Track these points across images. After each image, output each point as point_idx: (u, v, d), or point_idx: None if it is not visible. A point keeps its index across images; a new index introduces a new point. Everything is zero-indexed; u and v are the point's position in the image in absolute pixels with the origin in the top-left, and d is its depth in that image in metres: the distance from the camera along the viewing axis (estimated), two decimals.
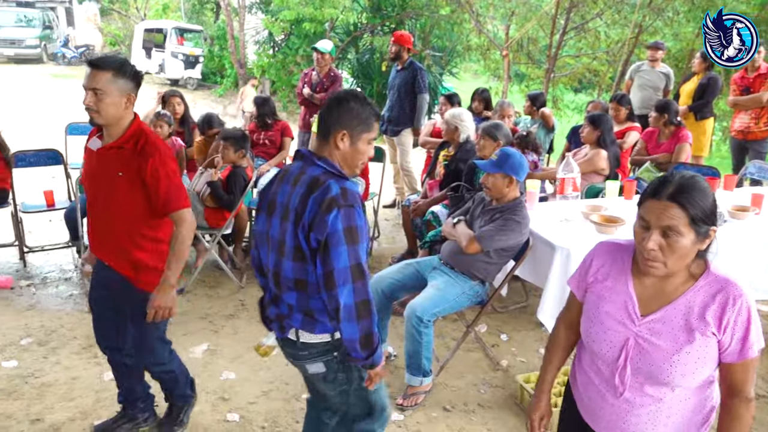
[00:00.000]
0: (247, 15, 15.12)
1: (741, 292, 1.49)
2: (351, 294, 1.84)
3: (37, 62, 19.91)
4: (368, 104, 2.00)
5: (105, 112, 2.31)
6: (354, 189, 1.91)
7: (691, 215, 1.43)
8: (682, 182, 1.45)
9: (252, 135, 5.61)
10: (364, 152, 2.02)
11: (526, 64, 14.35)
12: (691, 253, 1.48)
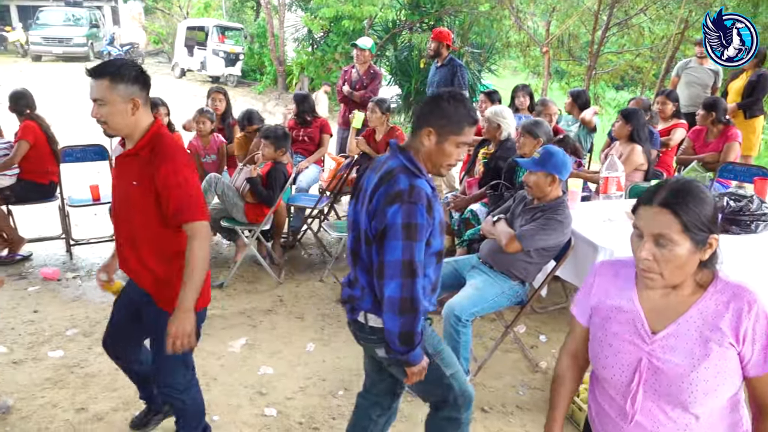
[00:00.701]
0: (287, 12, 15.23)
1: (755, 298, 1.38)
2: (397, 288, 1.88)
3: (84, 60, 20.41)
4: (464, 106, 1.97)
5: (111, 122, 2.18)
6: (423, 187, 1.92)
7: (684, 222, 1.32)
8: (675, 187, 1.36)
9: (291, 132, 5.65)
10: (451, 154, 1.99)
11: (567, 61, 14.13)
12: (689, 263, 1.37)
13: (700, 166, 4.88)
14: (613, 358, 1.50)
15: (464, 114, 1.97)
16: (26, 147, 4.63)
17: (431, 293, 2.07)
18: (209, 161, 5.11)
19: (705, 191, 1.37)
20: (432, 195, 1.96)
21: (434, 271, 2.06)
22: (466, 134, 1.98)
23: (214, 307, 4.17)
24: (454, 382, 2.21)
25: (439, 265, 2.09)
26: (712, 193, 1.66)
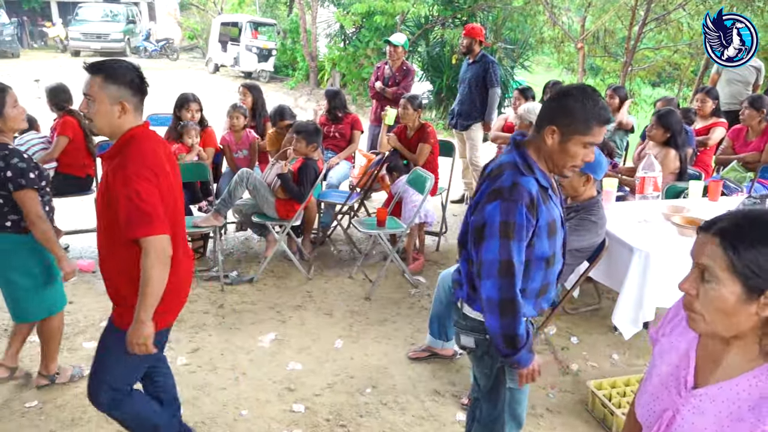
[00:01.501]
0: (320, 8, 15.27)
1: None
2: (494, 289, 1.87)
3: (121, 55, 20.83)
4: (593, 104, 1.83)
5: (96, 120, 2.10)
6: (527, 186, 1.85)
7: (733, 258, 1.07)
8: (742, 215, 1.12)
9: (322, 128, 5.66)
10: (575, 155, 1.87)
11: (602, 57, 13.87)
12: (738, 313, 1.09)
13: (740, 166, 4.74)
14: (648, 398, 1.31)
15: (593, 111, 1.82)
16: (65, 142, 4.72)
17: (536, 298, 2.02)
18: (241, 156, 5.15)
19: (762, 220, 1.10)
20: (538, 195, 1.87)
21: (542, 275, 1.98)
22: (594, 134, 1.84)
23: (244, 302, 4.21)
24: (513, 409, 2.21)
25: (549, 270, 1.99)
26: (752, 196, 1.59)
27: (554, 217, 1.94)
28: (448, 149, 5.69)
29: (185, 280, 2.33)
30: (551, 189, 1.94)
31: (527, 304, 1.95)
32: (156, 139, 2.21)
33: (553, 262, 1.99)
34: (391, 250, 4.46)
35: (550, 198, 1.93)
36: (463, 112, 6.08)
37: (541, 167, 1.92)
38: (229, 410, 3.04)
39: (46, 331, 3.10)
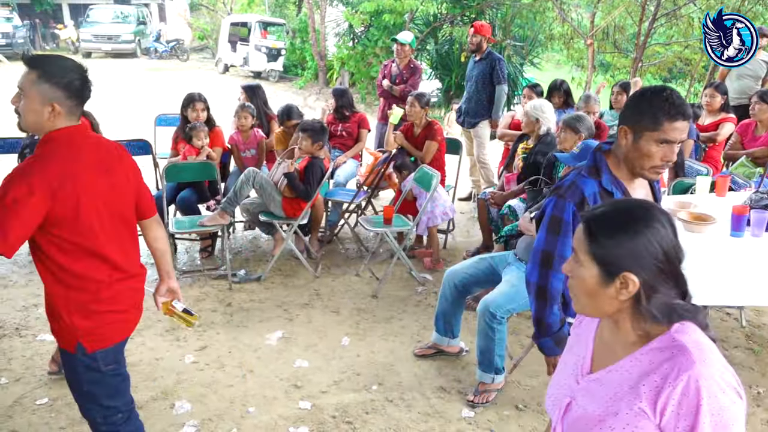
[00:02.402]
0: (328, 8, 15.32)
1: (692, 367, 1.09)
2: (534, 274, 2.05)
3: (131, 56, 20.99)
4: (662, 99, 1.78)
5: (24, 116, 1.94)
6: (584, 187, 1.91)
7: (591, 245, 1.17)
8: (611, 205, 1.23)
9: (329, 126, 5.68)
10: (650, 154, 1.81)
11: (612, 53, 13.79)
12: (598, 295, 1.19)
13: (749, 161, 4.70)
14: (554, 389, 1.36)
15: (660, 106, 1.77)
16: None
17: (562, 306, 2.08)
18: (249, 156, 5.18)
19: (647, 223, 1.16)
20: (596, 197, 1.88)
21: None
22: (666, 130, 1.78)
23: (251, 300, 4.23)
24: None
25: None
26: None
27: None
28: (456, 147, 5.69)
29: (119, 302, 2.11)
30: (623, 195, 1.89)
31: (554, 318, 2.04)
32: (85, 144, 1.99)
33: None
34: (397, 248, 4.47)
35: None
36: (470, 109, 6.07)
37: (616, 173, 1.90)
38: (236, 407, 3.07)
39: None
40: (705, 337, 1.17)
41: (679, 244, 1.19)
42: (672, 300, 1.17)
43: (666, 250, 1.16)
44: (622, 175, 1.90)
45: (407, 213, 4.75)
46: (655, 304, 1.16)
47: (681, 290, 1.19)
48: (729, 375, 1.12)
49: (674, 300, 1.18)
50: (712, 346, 1.15)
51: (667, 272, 1.16)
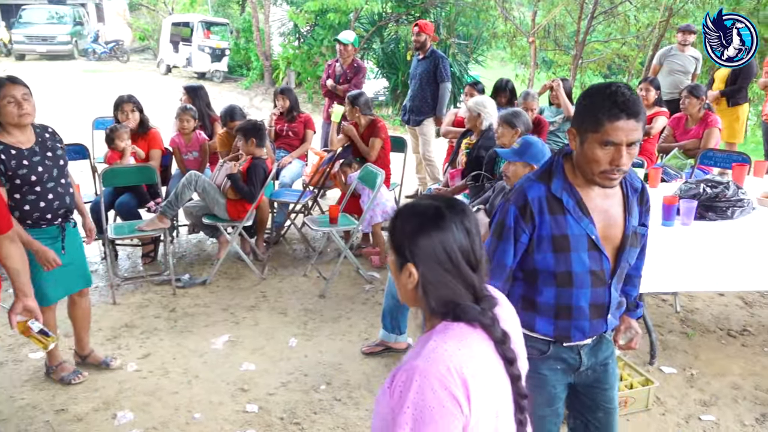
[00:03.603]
0: (273, 7, 15.15)
1: (412, 362, 1.15)
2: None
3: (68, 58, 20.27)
4: (603, 98, 1.63)
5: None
6: (529, 192, 1.76)
7: (390, 235, 1.28)
8: (409, 205, 1.29)
9: (275, 126, 5.63)
10: (595, 158, 1.66)
11: (554, 51, 14.12)
12: (399, 281, 1.27)
13: (681, 154, 4.89)
14: None
15: (600, 105, 1.62)
16: None
17: (554, 318, 1.85)
18: (191, 158, 5.08)
19: (436, 225, 1.22)
20: (541, 202, 1.75)
21: (553, 293, 1.81)
22: (607, 131, 1.61)
23: (196, 305, 4.16)
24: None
25: (564, 290, 1.80)
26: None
27: (568, 234, 1.75)
28: (401, 145, 5.72)
29: None
30: (577, 203, 1.75)
31: (540, 319, 1.85)
32: None
33: (571, 283, 1.78)
34: (344, 247, 4.47)
35: (569, 212, 1.74)
36: (414, 107, 6.12)
37: (572, 178, 1.77)
38: (182, 414, 3.01)
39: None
40: (457, 341, 1.18)
41: (472, 249, 1.24)
42: (457, 299, 1.23)
43: (449, 251, 1.21)
44: (578, 182, 1.76)
45: (353, 212, 4.76)
46: (434, 298, 1.23)
47: (471, 292, 1.24)
48: (453, 382, 1.12)
49: (460, 299, 1.23)
50: (449, 350, 1.16)
51: (451, 272, 1.22)
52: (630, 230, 1.81)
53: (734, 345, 3.73)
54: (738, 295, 4.37)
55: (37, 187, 2.86)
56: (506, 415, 1.24)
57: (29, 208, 2.87)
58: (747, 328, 3.93)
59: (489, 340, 1.23)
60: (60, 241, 3.00)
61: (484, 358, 1.21)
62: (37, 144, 2.91)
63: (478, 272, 1.25)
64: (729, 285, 3.48)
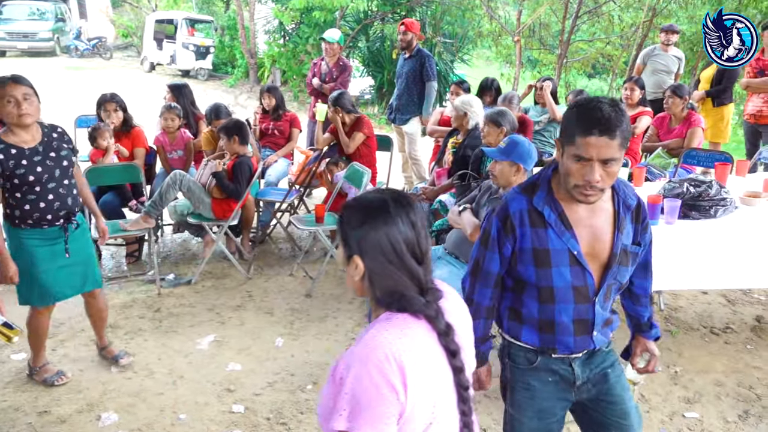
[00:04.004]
0: (258, 4, 15.06)
1: (352, 349, 1.21)
2: (467, 282, 1.92)
3: (50, 55, 20.00)
4: (584, 109, 1.62)
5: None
6: (511, 203, 1.76)
7: (338, 228, 1.34)
8: (356, 200, 1.35)
9: (261, 125, 5.60)
10: (569, 171, 1.65)
11: (539, 50, 14.20)
12: (349, 274, 1.32)
13: (665, 153, 4.93)
14: None
15: (577, 118, 1.62)
16: None
17: (538, 331, 1.82)
18: (176, 157, 5.04)
19: (384, 219, 1.27)
20: (521, 215, 1.75)
21: (536, 307, 1.80)
22: (578, 144, 1.59)
23: (181, 305, 4.13)
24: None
25: (547, 305, 1.78)
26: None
27: (549, 248, 1.73)
28: (387, 143, 5.72)
29: None
30: (559, 217, 1.72)
31: (525, 329, 1.84)
32: None
33: (552, 298, 1.76)
34: (330, 246, 4.46)
35: (550, 226, 1.72)
36: (400, 106, 6.12)
37: (557, 192, 1.75)
38: (167, 415, 2.99)
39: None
40: (398, 330, 1.22)
41: (417, 242, 1.27)
42: (402, 290, 1.27)
43: (394, 244, 1.25)
44: (562, 195, 1.73)
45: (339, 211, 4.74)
46: (380, 289, 1.27)
47: (416, 284, 1.27)
48: (390, 369, 1.16)
49: (405, 291, 1.27)
50: (389, 338, 1.20)
51: (395, 264, 1.26)
52: (618, 248, 1.76)
53: (717, 342, 3.77)
54: (721, 293, 4.42)
55: (37, 188, 2.83)
56: (446, 405, 1.28)
57: (29, 208, 2.85)
58: (730, 325, 3.97)
59: (432, 332, 1.26)
60: (63, 243, 2.97)
61: (425, 348, 1.24)
62: (42, 144, 2.87)
63: (423, 265, 1.28)
64: (712, 283, 3.51)
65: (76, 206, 3.01)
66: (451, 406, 1.29)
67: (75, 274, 3.06)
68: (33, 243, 2.92)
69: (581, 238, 1.74)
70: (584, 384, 1.88)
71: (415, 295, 1.26)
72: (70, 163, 2.97)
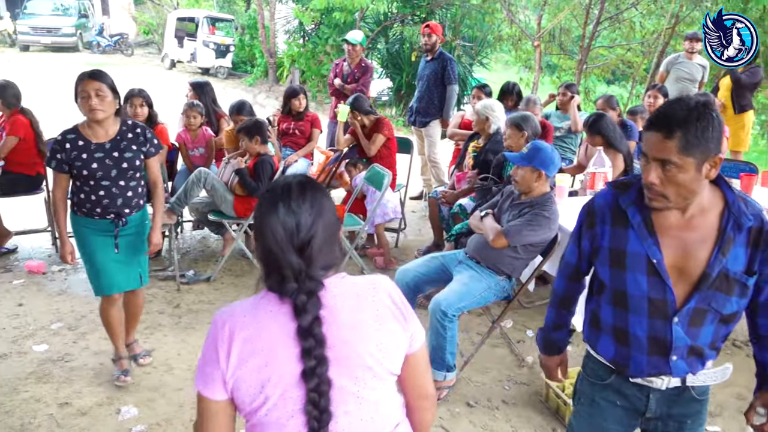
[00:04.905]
0: (278, 4, 15.15)
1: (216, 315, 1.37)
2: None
3: (72, 50, 20.24)
4: (667, 102, 1.56)
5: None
6: (597, 200, 1.73)
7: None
8: (273, 184, 1.41)
9: (281, 125, 5.63)
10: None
11: (558, 55, 14.13)
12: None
13: None
14: None
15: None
16: (14, 142, 4.59)
17: (613, 338, 1.72)
18: (197, 154, 5.08)
19: (268, 190, 1.35)
20: (605, 210, 1.68)
21: (611, 312, 1.70)
22: (643, 139, 1.55)
23: (201, 301, 4.15)
24: None
25: (621, 311, 1.67)
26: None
27: (627, 250, 1.63)
28: (407, 146, 5.72)
29: None
30: (644, 221, 1.61)
31: (603, 337, 1.75)
32: None
33: (626, 305, 1.65)
34: (350, 247, 4.46)
35: (632, 227, 1.62)
36: (421, 109, 6.12)
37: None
38: (186, 411, 3.01)
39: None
40: (250, 307, 1.32)
41: (297, 231, 1.29)
42: (276, 273, 1.30)
43: (273, 232, 1.29)
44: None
45: (358, 212, 4.75)
46: (263, 267, 1.33)
47: (291, 271, 1.29)
48: (221, 336, 1.28)
49: (279, 274, 1.30)
50: (234, 312, 1.32)
51: (273, 248, 1.29)
52: (716, 270, 1.56)
53: (739, 355, 3.73)
54: None
55: (91, 182, 2.87)
56: (285, 393, 1.27)
57: (83, 197, 2.92)
58: None
59: (293, 321, 1.26)
60: (113, 237, 2.97)
61: (271, 332, 1.28)
62: (111, 141, 2.89)
63: (304, 255, 1.29)
64: None
65: (126, 207, 2.96)
66: (294, 397, 1.27)
67: (121, 272, 3.05)
68: (87, 231, 2.97)
69: (666, 248, 1.59)
70: (654, 419, 1.75)
71: (287, 281, 1.28)
72: (131, 166, 2.93)
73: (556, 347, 2.02)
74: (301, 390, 1.26)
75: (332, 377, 1.27)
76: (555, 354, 2.03)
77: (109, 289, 3.07)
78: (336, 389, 1.27)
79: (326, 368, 1.26)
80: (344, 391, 1.29)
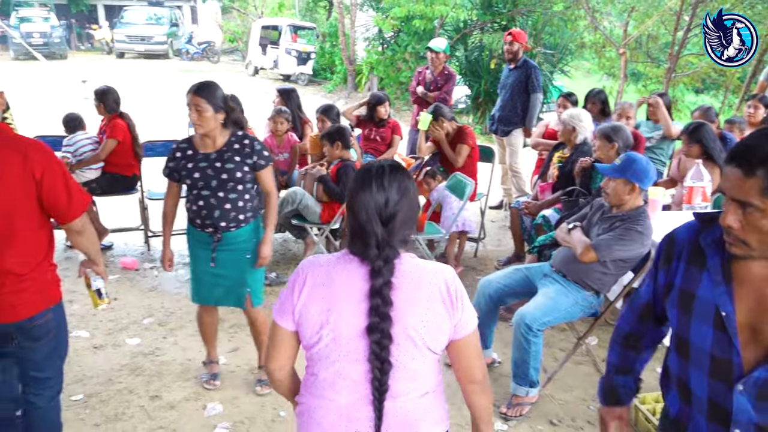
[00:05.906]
0: (359, 12, 15.36)
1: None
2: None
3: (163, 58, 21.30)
4: (756, 131, 1.34)
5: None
6: (679, 230, 1.52)
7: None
8: (365, 164, 1.53)
9: (363, 130, 5.69)
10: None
11: (644, 63, 13.62)
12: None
13: None
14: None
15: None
16: (114, 145, 4.85)
17: (678, 392, 1.50)
18: (281, 159, 5.20)
19: (361, 171, 1.52)
20: (684, 247, 1.46)
21: (676, 361, 1.49)
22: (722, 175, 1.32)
23: None
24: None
25: (683, 362, 1.46)
26: None
27: (696, 293, 1.41)
28: (488, 155, 5.65)
29: None
30: (722, 264, 1.38)
31: (669, 387, 1.55)
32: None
33: (687, 354, 1.43)
34: (429, 255, 4.45)
35: (707, 269, 1.40)
36: (504, 117, 6.03)
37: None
38: (268, 410, 3.07)
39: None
40: (328, 261, 1.53)
41: (386, 205, 1.47)
42: (359, 240, 1.49)
43: (365, 207, 1.47)
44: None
45: (437, 222, 4.73)
46: (349, 233, 1.53)
47: (374, 239, 1.47)
48: (299, 279, 1.52)
49: (362, 241, 1.48)
50: (314, 263, 1.54)
51: (362, 220, 1.48)
52: None
53: None
54: None
55: (194, 191, 2.92)
56: (347, 343, 1.46)
57: (189, 206, 2.99)
58: None
59: (367, 280, 1.45)
60: (210, 251, 2.96)
61: (341, 284, 1.48)
62: (218, 152, 2.88)
63: (387, 227, 1.47)
64: None
65: (223, 221, 2.90)
66: (358, 347, 1.46)
67: (218, 286, 3.04)
68: (192, 239, 3.04)
69: (741, 301, 1.34)
70: None
71: (370, 248, 1.46)
72: (231, 177, 2.86)
73: (615, 396, 1.72)
74: (365, 341, 1.45)
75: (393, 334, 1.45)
76: (614, 404, 1.73)
77: (203, 300, 3.13)
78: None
79: (389, 325, 1.43)
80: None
